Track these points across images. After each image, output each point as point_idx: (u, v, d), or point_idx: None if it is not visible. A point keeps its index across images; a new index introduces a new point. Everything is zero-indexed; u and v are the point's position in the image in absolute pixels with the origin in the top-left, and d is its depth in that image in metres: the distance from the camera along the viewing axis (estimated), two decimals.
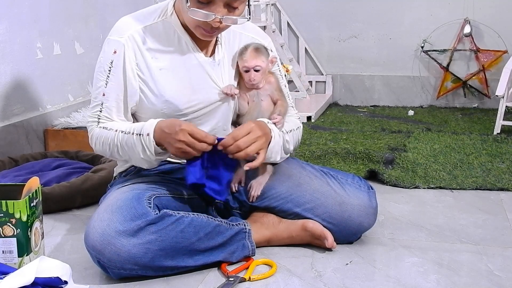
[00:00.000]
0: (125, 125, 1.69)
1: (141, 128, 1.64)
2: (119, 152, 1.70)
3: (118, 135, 1.67)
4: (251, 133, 1.62)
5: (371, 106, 4.07)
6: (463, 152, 2.75)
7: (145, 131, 1.63)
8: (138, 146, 1.64)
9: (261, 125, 1.67)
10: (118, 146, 1.68)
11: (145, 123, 1.65)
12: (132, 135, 1.65)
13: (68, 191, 2.15)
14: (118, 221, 1.54)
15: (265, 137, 1.66)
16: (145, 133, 1.62)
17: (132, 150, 1.66)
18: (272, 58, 1.81)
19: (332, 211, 1.76)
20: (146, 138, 1.62)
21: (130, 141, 1.65)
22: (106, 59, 1.70)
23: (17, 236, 1.57)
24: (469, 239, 1.86)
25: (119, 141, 1.67)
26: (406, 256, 1.75)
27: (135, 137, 1.64)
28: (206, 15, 1.59)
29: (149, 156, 1.65)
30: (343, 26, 4.05)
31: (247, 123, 1.67)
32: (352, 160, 2.64)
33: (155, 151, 1.64)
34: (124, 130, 1.67)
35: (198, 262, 1.62)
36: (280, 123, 1.76)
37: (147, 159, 1.66)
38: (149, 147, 1.63)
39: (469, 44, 3.83)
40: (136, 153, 1.66)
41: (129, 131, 1.66)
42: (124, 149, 1.68)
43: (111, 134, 1.69)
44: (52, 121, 2.84)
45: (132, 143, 1.65)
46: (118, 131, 1.68)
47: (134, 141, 1.65)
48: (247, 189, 1.82)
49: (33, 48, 2.75)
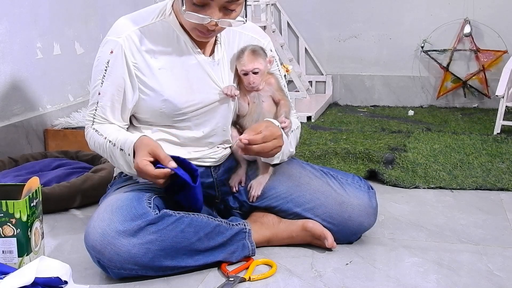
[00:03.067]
0: (113, 134, 1.68)
1: (123, 143, 1.64)
2: (109, 159, 1.72)
3: (107, 143, 1.68)
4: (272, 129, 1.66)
5: (371, 106, 4.07)
6: (463, 152, 2.75)
7: (126, 150, 1.63)
8: (123, 161, 1.65)
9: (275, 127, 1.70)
10: (107, 154, 1.70)
11: (126, 140, 1.64)
12: (117, 148, 1.65)
13: (68, 191, 2.15)
14: (118, 221, 1.54)
15: (282, 137, 1.70)
16: (126, 152, 1.63)
17: (119, 162, 1.67)
18: (270, 58, 1.80)
19: (332, 211, 1.76)
20: (128, 158, 1.63)
21: (116, 153, 1.66)
22: (103, 59, 1.71)
23: (17, 236, 1.57)
24: (469, 239, 1.86)
25: (107, 150, 1.68)
26: (406, 256, 1.75)
27: (119, 151, 1.65)
28: (201, 19, 1.59)
29: (134, 172, 1.65)
30: (343, 26, 4.05)
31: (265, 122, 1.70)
32: (352, 160, 2.64)
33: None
34: (111, 140, 1.67)
35: (198, 262, 1.62)
36: (288, 127, 1.77)
37: (133, 173, 1.67)
38: (132, 166, 1.64)
39: (469, 44, 3.83)
40: (122, 165, 1.67)
41: (115, 143, 1.66)
42: (112, 159, 1.69)
43: (101, 140, 1.69)
44: (52, 121, 2.84)
45: (117, 156, 1.66)
46: (106, 140, 1.68)
47: (118, 155, 1.65)
48: (247, 189, 1.82)
49: (33, 48, 2.75)
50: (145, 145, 1.60)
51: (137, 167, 1.58)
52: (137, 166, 1.58)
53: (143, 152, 1.58)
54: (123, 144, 1.64)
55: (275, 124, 1.73)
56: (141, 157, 1.57)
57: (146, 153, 1.58)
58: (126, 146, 1.63)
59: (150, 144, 1.61)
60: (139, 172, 1.58)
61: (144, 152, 1.58)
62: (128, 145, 1.62)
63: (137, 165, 1.57)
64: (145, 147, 1.59)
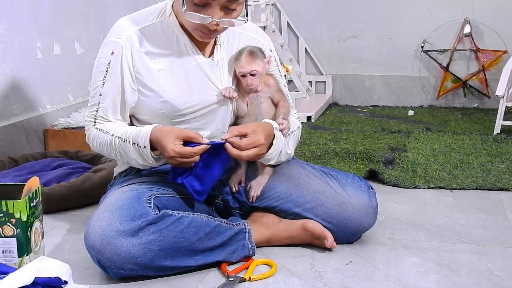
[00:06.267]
0: (121, 130, 1.68)
1: (136, 137, 1.64)
2: (117, 156, 1.71)
3: (115, 140, 1.67)
4: (255, 136, 1.62)
5: (371, 106, 4.07)
6: (463, 152, 2.75)
7: (141, 142, 1.63)
8: (136, 155, 1.66)
9: (267, 131, 1.67)
10: (115, 150, 1.69)
11: (139, 133, 1.64)
12: (128, 143, 1.65)
13: (68, 191, 2.15)
14: (118, 221, 1.54)
15: (265, 146, 1.66)
16: (141, 145, 1.63)
17: (130, 156, 1.67)
18: (268, 58, 1.79)
19: (332, 211, 1.76)
20: (143, 150, 1.63)
21: (128, 148, 1.66)
22: (104, 60, 1.70)
23: (17, 236, 1.57)
24: (469, 239, 1.86)
25: (116, 146, 1.68)
26: (406, 256, 1.75)
27: (131, 146, 1.65)
28: (203, 18, 1.58)
29: (149, 163, 1.67)
30: (343, 26, 4.05)
31: (256, 124, 1.67)
32: (352, 160, 2.64)
33: (155, 159, 1.66)
34: (120, 136, 1.67)
35: (198, 262, 1.62)
36: (286, 129, 1.76)
37: (147, 165, 1.68)
38: (147, 159, 1.65)
39: (469, 44, 3.83)
40: (134, 159, 1.67)
41: (125, 138, 1.66)
42: (122, 154, 1.69)
43: (108, 137, 1.69)
44: (52, 121, 2.84)
45: (129, 151, 1.66)
46: (114, 136, 1.68)
47: (131, 149, 1.65)
48: (246, 189, 1.82)
49: (33, 48, 2.75)
50: (168, 132, 1.60)
51: (174, 153, 1.57)
52: (173, 152, 1.57)
53: (171, 139, 1.58)
54: (135, 138, 1.64)
55: (272, 125, 1.71)
56: (172, 143, 1.57)
57: (174, 138, 1.58)
58: (140, 139, 1.63)
59: (173, 129, 1.62)
60: (177, 157, 1.58)
61: (172, 138, 1.58)
62: (143, 138, 1.62)
63: (173, 151, 1.57)
64: (169, 133, 1.60)
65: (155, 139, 1.61)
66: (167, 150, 1.58)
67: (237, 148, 1.60)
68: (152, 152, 1.64)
